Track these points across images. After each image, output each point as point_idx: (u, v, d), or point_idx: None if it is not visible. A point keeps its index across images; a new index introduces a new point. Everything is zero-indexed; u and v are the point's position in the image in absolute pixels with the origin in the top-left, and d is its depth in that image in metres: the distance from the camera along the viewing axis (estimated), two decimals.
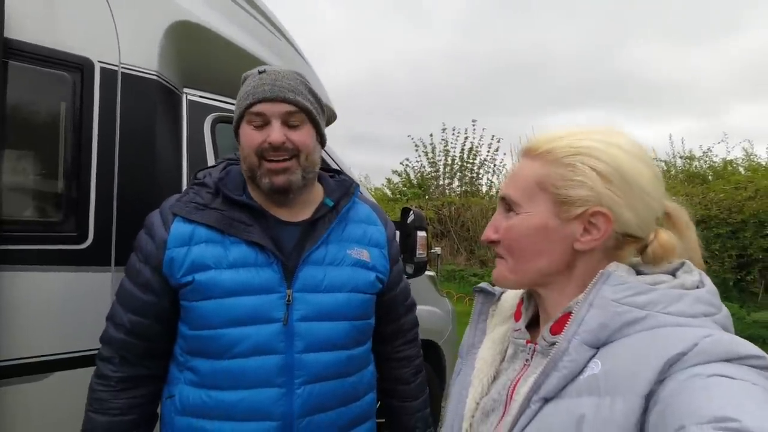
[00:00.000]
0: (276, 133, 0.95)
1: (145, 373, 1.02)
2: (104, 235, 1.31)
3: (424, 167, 12.41)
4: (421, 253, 2.05)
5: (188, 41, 1.53)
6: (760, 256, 6.05)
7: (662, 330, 0.51)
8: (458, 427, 0.67)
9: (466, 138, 11.78)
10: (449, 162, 11.98)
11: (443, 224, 10.56)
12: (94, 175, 1.30)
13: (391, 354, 1.21)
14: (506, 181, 0.66)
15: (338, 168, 2.09)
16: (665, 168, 9.57)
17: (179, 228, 0.97)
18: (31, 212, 1.27)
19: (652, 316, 0.53)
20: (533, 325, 0.68)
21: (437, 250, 7.91)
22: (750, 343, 0.48)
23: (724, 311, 0.56)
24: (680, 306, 0.53)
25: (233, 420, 0.95)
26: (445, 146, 11.98)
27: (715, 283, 0.61)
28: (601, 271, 0.56)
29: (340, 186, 1.13)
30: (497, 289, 0.77)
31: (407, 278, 2.06)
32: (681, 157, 9.58)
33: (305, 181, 1.02)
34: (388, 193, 13.28)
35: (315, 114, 1.02)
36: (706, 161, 9.41)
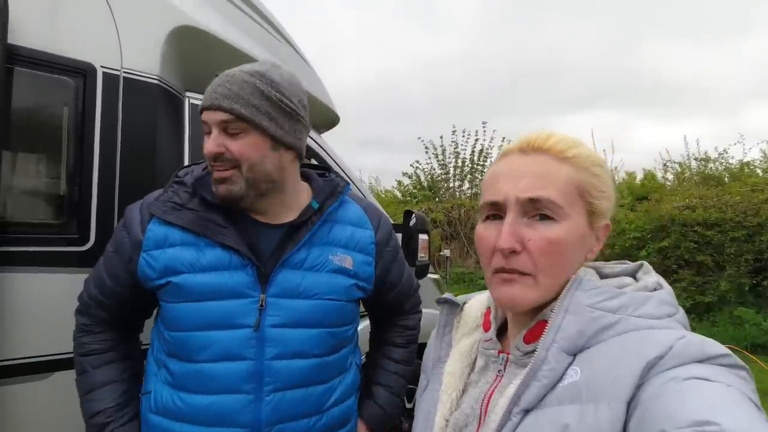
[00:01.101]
0: (210, 143, 0.92)
1: (113, 324, 1.07)
2: (105, 238, 1.31)
3: (434, 169, 12.38)
4: (422, 256, 2.04)
5: (190, 45, 1.55)
6: None
7: (636, 333, 0.51)
8: None
9: (477, 140, 11.72)
10: (459, 164, 11.93)
11: (453, 227, 10.51)
12: (96, 179, 1.33)
13: (389, 321, 1.24)
14: (529, 181, 0.56)
15: (338, 166, 2.12)
16: (679, 170, 9.40)
17: (154, 230, 0.97)
18: (35, 215, 1.30)
19: (624, 319, 0.53)
20: (501, 333, 0.66)
21: (446, 252, 7.89)
22: (716, 341, 0.49)
23: (681, 311, 0.56)
24: (648, 308, 0.54)
25: (202, 425, 0.94)
26: (455, 148, 11.93)
27: (730, 288, 0.62)
28: (573, 276, 0.56)
29: (328, 186, 1.10)
30: (461, 299, 0.74)
31: None
32: (696, 159, 9.39)
33: (257, 191, 0.97)
34: (399, 195, 13.27)
35: (257, 121, 0.92)
36: (722, 163, 9.22)
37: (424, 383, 0.71)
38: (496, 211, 0.59)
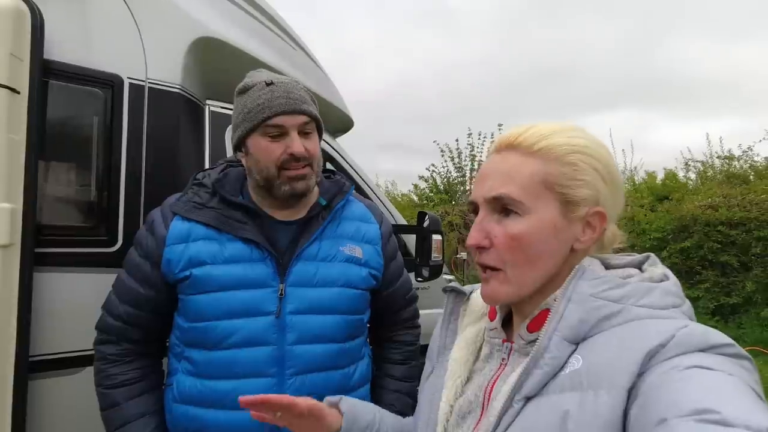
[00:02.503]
0: (297, 144, 1.01)
1: (144, 350, 1.09)
2: (132, 240, 1.40)
3: (450, 173, 12.34)
4: (436, 256, 2.07)
5: (210, 55, 1.62)
6: None
7: (638, 323, 0.52)
8: None
9: (493, 142, 11.67)
10: (476, 167, 11.87)
11: (470, 229, 10.49)
12: (123, 183, 1.40)
13: (387, 337, 1.27)
14: (494, 180, 0.59)
15: (354, 170, 2.17)
16: (702, 169, 9.16)
17: (178, 226, 1.04)
18: (68, 219, 1.38)
19: (627, 309, 0.53)
20: (506, 322, 0.67)
21: (464, 255, 7.87)
22: (719, 332, 0.49)
23: (688, 303, 0.56)
24: (651, 298, 0.54)
25: (226, 408, 0.99)
26: (471, 151, 11.88)
27: (757, 289, 0.61)
28: (576, 266, 0.56)
29: (334, 185, 1.18)
30: (467, 288, 0.75)
31: (423, 281, 2.10)
32: (719, 157, 9.11)
33: (316, 186, 1.09)
34: (415, 198, 13.26)
35: (321, 123, 1.09)
36: (746, 161, 8.93)
37: (429, 370, 0.72)
38: (475, 211, 0.63)
